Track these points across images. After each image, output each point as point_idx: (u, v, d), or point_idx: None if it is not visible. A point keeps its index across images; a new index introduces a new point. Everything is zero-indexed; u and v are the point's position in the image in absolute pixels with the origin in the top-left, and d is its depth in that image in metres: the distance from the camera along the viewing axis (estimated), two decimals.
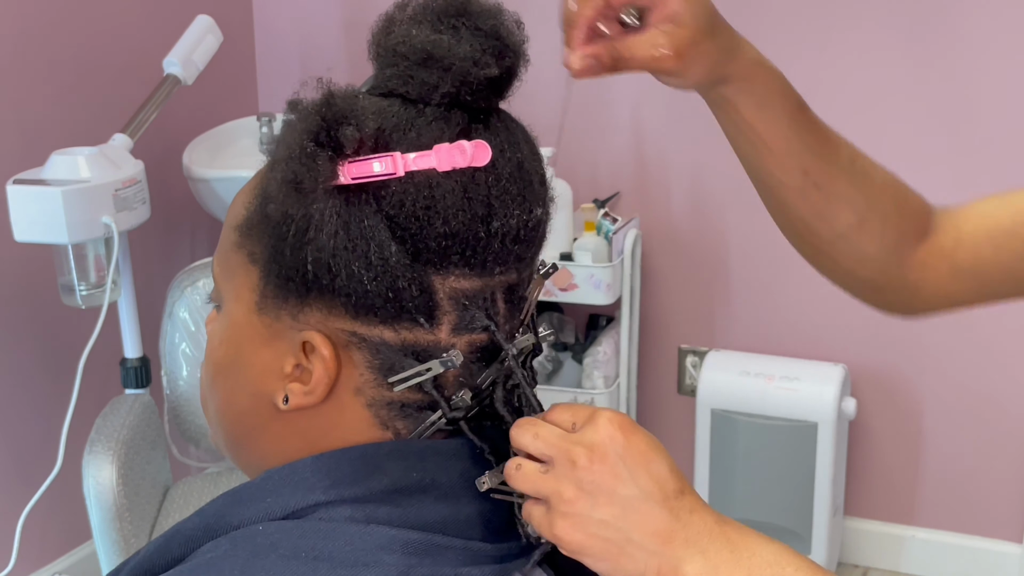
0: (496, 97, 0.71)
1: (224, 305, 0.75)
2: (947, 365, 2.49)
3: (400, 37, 0.69)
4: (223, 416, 0.76)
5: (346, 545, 0.67)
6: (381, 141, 0.67)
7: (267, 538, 0.67)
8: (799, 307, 2.57)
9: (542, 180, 0.72)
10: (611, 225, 2.48)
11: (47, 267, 2.05)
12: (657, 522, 0.67)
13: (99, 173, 1.90)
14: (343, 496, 0.69)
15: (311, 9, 2.84)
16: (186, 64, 2.14)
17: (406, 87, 0.68)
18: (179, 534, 0.71)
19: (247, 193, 0.73)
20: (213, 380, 0.76)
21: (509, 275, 0.71)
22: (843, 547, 2.63)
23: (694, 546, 0.67)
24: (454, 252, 0.68)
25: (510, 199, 0.69)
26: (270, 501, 0.70)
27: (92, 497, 1.81)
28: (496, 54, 0.69)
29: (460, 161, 0.66)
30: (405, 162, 0.66)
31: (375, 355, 0.69)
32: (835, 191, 0.90)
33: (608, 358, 2.56)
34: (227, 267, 0.74)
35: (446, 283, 0.69)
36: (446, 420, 0.71)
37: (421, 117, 0.68)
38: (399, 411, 0.71)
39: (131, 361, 2.10)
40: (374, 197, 0.67)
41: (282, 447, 0.73)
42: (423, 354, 0.69)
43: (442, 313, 0.69)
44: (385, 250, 0.67)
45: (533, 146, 0.73)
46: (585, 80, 0.76)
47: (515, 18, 0.71)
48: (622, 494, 0.67)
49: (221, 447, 0.79)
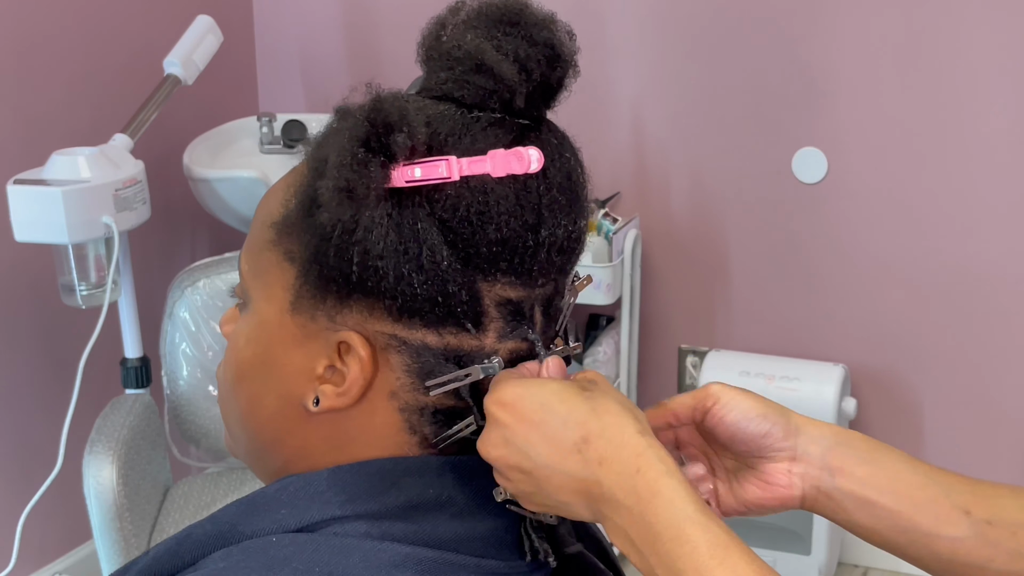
0: (546, 106, 0.71)
1: (252, 304, 0.73)
2: (947, 365, 2.49)
3: (455, 41, 0.69)
4: (247, 419, 0.75)
5: (360, 561, 0.66)
6: (435, 145, 0.67)
7: (281, 551, 0.67)
8: (799, 307, 2.57)
9: (586, 192, 0.72)
10: (611, 225, 2.48)
11: (47, 267, 2.05)
12: (571, 483, 0.66)
13: (99, 173, 1.90)
14: (358, 511, 0.68)
15: (311, 9, 2.84)
16: (186, 64, 2.14)
17: (461, 92, 0.68)
18: (190, 539, 0.71)
19: (283, 190, 0.72)
20: (236, 382, 0.75)
21: (549, 286, 0.71)
22: (843, 547, 2.63)
23: (607, 502, 0.65)
24: (503, 259, 0.68)
25: (559, 208, 0.69)
26: (284, 513, 0.69)
27: (92, 497, 1.81)
28: (550, 64, 0.69)
29: (516, 168, 0.66)
30: (460, 167, 0.66)
31: (415, 359, 0.69)
32: (1012, 520, 0.73)
33: (608, 358, 2.55)
34: (258, 264, 0.72)
35: (492, 290, 0.68)
36: (475, 428, 0.70)
37: (476, 123, 0.68)
38: (431, 417, 0.70)
39: (131, 361, 2.10)
40: (427, 200, 0.66)
41: (307, 451, 0.72)
42: (464, 360, 0.69)
43: (489, 320, 0.69)
44: (437, 254, 0.66)
45: (579, 157, 0.72)
46: (585, 80, 0.76)
47: (567, 28, 0.71)
48: (527, 468, 0.66)
49: (240, 451, 0.78)
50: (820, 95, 2.45)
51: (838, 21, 2.40)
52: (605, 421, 0.65)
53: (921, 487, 0.73)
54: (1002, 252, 2.40)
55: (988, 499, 0.74)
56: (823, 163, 2.47)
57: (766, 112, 2.50)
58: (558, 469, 0.65)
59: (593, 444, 0.65)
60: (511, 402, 0.66)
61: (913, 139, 2.40)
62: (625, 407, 0.66)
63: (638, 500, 0.63)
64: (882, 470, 0.74)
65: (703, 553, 0.61)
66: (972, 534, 0.73)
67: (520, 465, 0.67)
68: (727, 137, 2.55)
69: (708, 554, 0.61)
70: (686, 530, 0.62)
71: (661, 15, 2.54)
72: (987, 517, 0.73)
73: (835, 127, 2.46)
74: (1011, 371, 2.45)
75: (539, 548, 0.72)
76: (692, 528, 0.62)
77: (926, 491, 0.73)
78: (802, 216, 2.51)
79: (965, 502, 0.73)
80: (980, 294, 2.43)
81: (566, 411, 0.66)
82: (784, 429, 0.75)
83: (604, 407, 0.66)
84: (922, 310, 2.48)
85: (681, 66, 2.55)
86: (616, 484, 0.64)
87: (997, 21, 2.29)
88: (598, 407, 0.66)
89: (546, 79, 0.69)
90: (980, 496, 0.74)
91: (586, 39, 0.77)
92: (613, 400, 0.67)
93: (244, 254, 0.74)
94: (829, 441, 0.75)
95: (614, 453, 0.64)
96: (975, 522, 0.73)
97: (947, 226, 2.42)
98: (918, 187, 2.42)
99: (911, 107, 2.39)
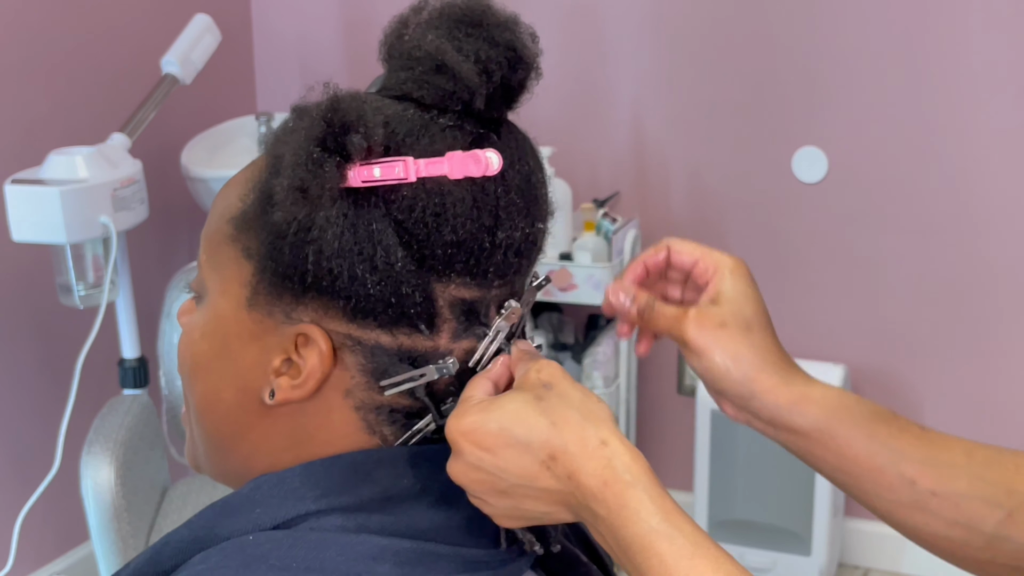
0: (507, 108, 0.71)
1: (208, 297, 0.73)
2: (947, 365, 2.49)
3: (415, 41, 0.69)
4: (204, 414, 0.74)
5: (337, 555, 0.66)
6: (392, 146, 0.66)
7: (257, 549, 0.66)
8: (799, 307, 2.56)
9: (546, 195, 0.72)
10: (611, 225, 2.48)
11: (45, 267, 2.05)
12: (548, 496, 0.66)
13: (97, 173, 1.90)
14: (333, 505, 0.68)
15: (309, 8, 2.84)
16: (184, 63, 2.14)
17: (421, 92, 0.68)
18: (168, 545, 0.71)
19: (241, 184, 0.71)
20: (192, 375, 0.74)
21: (505, 288, 0.71)
22: (844, 548, 2.63)
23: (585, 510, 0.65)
24: (458, 261, 0.67)
25: (516, 211, 0.69)
26: (259, 512, 0.69)
27: (90, 498, 1.80)
28: (511, 66, 0.69)
29: (474, 170, 0.65)
30: (417, 168, 0.65)
31: (369, 359, 0.69)
32: (958, 491, 0.77)
33: (608, 358, 2.55)
34: (216, 259, 0.72)
35: (447, 291, 0.68)
36: (435, 427, 0.70)
37: (434, 124, 0.68)
38: (387, 416, 0.70)
39: (129, 361, 2.09)
40: (383, 201, 0.66)
41: (267, 447, 0.72)
42: (418, 360, 0.69)
43: (442, 321, 0.69)
44: (391, 255, 0.66)
45: (539, 160, 0.72)
46: (585, 79, 0.75)
47: (530, 31, 0.71)
48: (503, 488, 0.66)
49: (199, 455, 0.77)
50: (820, 94, 2.45)
51: (838, 21, 2.40)
52: (565, 436, 0.65)
53: (870, 455, 0.76)
54: (1002, 252, 2.39)
55: (939, 468, 0.77)
56: (823, 163, 2.47)
57: (766, 112, 2.50)
58: (533, 487, 0.66)
59: (560, 460, 0.65)
60: (470, 431, 0.66)
61: (913, 139, 2.40)
62: (584, 414, 0.66)
63: (608, 511, 0.64)
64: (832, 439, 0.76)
65: (670, 565, 0.62)
66: (911, 501, 0.77)
67: (495, 487, 0.67)
68: (727, 137, 2.55)
69: (675, 566, 0.62)
70: (652, 542, 0.63)
71: (661, 15, 2.54)
72: (933, 488, 0.76)
73: (835, 126, 2.46)
74: (1011, 371, 2.44)
75: (523, 539, 0.72)
76: (659, 540, 0.63)
77: (874, 460, 0.76)
78: (802, 216, 2.51)
79: (913, 472, 0.76)
80: (980, 294, 2.42)
81: (526, 432, 0.65)
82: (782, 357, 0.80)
83: (563, 419, 0.65)
84: (922, 310, 2.48)
85: (681, 66, 2.55)
86: (587, 496, 0.64)
87: (997, 21, 2.29)
88: (557, 420, 0.65)
89: (507, 81, 0.69)
90: (931, 465, 0.77)
91: (586, 39, 0.76)
92: (570, 407, 0.66)
93: (203, 245, 0.74)
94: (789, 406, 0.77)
95: (580, 466, 0.64)
96: (919, 492, 0.76)
97: (947, 226, 2.41)
98: (918, 187, 2.42)
99: (911, 106, 2.38)
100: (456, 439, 0.67)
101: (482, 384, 0.69)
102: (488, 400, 0.67)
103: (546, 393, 0.67)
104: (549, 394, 0.67)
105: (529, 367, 0.69)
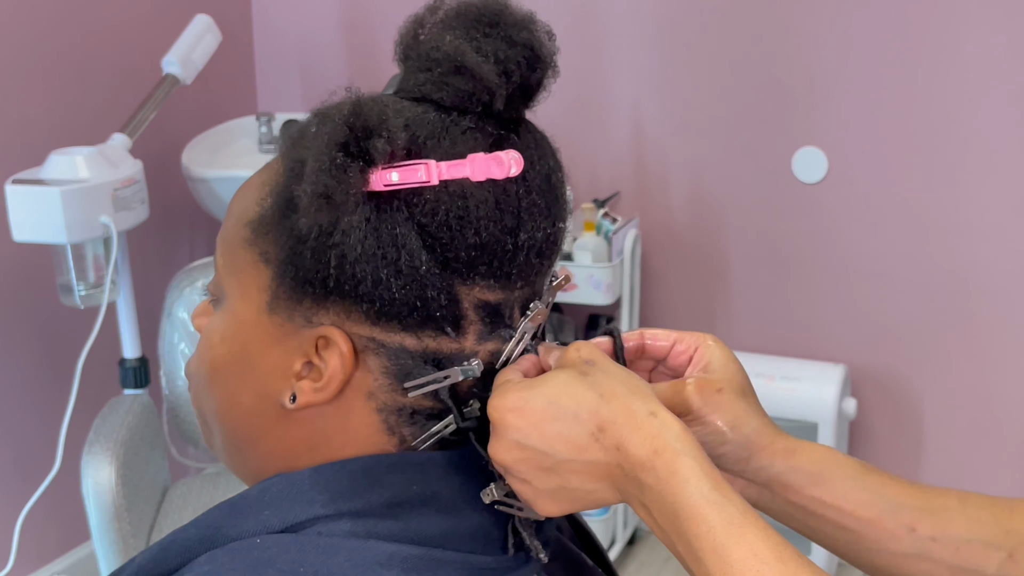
0: (525, 107, 0.71)
1: (227, 301, 0.73)
2: (947, 365, 2.49)
3: (433, 42, 0.68)
4: (223, 417, 0.74)
5: (345, 561, 0.66)
6: (414, 149, 0.66)
7: (265, 552, 0.66)
8: (799, 307, 2.56)
9: (565, 194, 0.72)
10: (611, 225, 2.48)
11: (46, 267, 2.05)
12: (595, 470, 0.66)
13: (98, 173, 1.90)
14: (342, 510, 0.68)
15: (310, 8, 2.84)
16: (185, 63, 2.14)
17: (440, 94, 0.68)
18: (175, 543, 0.70)
19: (258, 188, 0.71)
20: (210, 379, 0.74)
21: (527, 288, 0.71)
22: None
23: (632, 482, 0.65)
24: (482, 263, 0.67)
25: (538, 212, 0.69)
26: (268, 514, 0.69)
27: (91, 497, 1.80)
28: (529, 66, 0.68)
29: (496, 172, 0.65)
30: (439, 171, 0.65)
31: (393, 361, 0.68)
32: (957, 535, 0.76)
33: None
34: (234, 263, 0.72)
35: (471, 293, 0.68)
36: (456, 429, 0.70)
37: (455, 126, 0.67)
38: (409, 418, 0.70)
39: (130, 361, 2.09)
40: (406, 204, 0.65)
41: (284, 451, 0.72)
42: (443, 362, 0.69)
43: (468, 323, 0.69)
44: (415, 258, 0.66)
45: (557, 159, 0.72)
46: (585, 80, 0.75)
47: (546, 29, 0.71)
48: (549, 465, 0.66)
49: (217, 450, 0.78)
50: (820, 95, 2.45)
51: (838, 20, 2.40)
52: (614, 407, 0.65)
53: (866, 505, 0.75)
54: (1002, 252, 2.39)
55: (935, 514, 0.76)
56: (823, 163, 2.47)
57: (766, 112, 2.50)
58: (581, 460, 0.66)
59: (608, 431, 0.65)
60: (519, 406, 0.66)
61: (913, 139, 2.40)
62: (629, 388, 0.66)
63: (657, 480, 0.64)
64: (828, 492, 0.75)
65: (719, 532, 0.62)
66: (914, 551, 0.75)
67: (542, 464, 0.66)
68: (727, 137, 2.55)
69: (724, 533, 0.62)
70: (702, 510, 0.62)
71: (661, 15, 2.54)
72: (932, 534, 0.75)
73: (835, 127, 2.46)
74: (1011, 371, 2.44)
75: (531, 545, 0.72)
76: (708, 508, 0.62)
77: (871, 509, 0.75)
78: (802, 216, 2.51)
79: (911, 519, 0.75)
80: (980, 294, 2.42)
81: (575, 404, 0.66)
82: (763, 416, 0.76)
83: (610, 392, 0.66)
84: (922, 310, 2.48)
85: (681, 66, 2.55)
86: (636, 466, 0.64)
87: (997, 21, 2.29)
88: (604, 393, 0.66)
89: (526, 80, 0.69)
90: (927, 512, 0.76)
91: (586, 39, 0.76)
92: (616, 381, 0.67)
93: (219, 248, 0.74)
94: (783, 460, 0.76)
95: (629, 436, 0.64)
96: (919, 539, 0.75)
97: (947, 226, 2.42)
98: (918, 187, 2.42)
99: (911, 107, 2.38)
100: (502, 416, 0.67)
101: (515, 372, 0.70)
102: (530, 379, 0.68)
103: (590, 369, 0.67)
104: (593, 369, 0.67)
105: (568, 348, 0.69)
